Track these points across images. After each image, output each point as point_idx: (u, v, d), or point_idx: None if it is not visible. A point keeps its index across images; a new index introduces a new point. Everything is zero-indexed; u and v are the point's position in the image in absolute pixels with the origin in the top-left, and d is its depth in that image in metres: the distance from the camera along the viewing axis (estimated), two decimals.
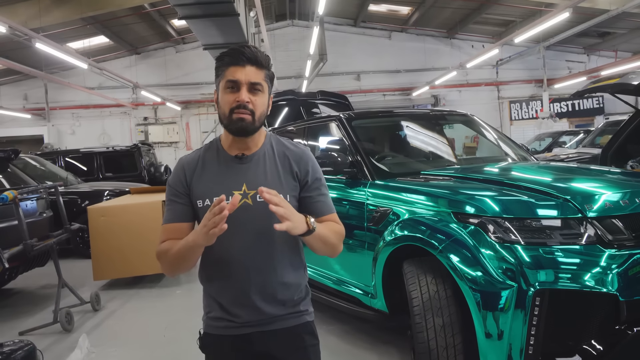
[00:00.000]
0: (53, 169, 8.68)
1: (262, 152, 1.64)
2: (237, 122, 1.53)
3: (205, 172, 1.62)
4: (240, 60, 1.54)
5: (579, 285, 2.24)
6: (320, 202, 1.65)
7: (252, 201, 1.56)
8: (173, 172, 1.68)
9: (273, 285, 1.58)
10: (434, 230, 2.69)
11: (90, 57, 14.41)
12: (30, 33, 9.58)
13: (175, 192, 1.62)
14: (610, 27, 14.79)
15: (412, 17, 16.24)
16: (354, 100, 10.72)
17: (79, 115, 17.61)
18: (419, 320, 2.58)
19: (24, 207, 4.87)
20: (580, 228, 2.39)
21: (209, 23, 7.88)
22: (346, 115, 4.09)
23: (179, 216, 1.61)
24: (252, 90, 1.54)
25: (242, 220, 1.51)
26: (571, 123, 18.09)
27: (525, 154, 4.24)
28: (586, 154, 7.89)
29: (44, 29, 11.58)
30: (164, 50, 17.60)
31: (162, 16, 14.53)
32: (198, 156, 1.66)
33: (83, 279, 5.89)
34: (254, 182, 1.56)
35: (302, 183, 1.64)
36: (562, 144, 12.10)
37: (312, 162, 1.67)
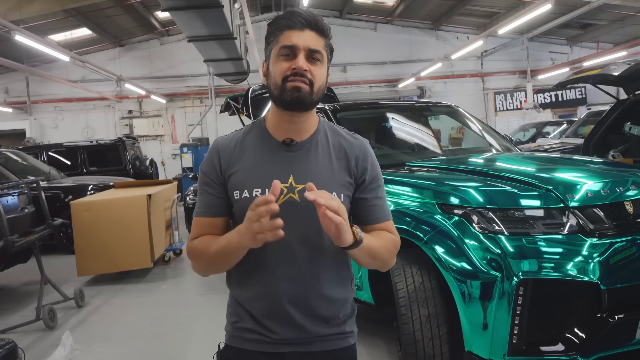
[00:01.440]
0: (35, 164, 8.56)
1: (315, 140, 1.39)
2: (293, 91, 1.29)
3: (244, 158, 1.38)
4: (298, 23, 1.32)
5: (562, 275, 2.26)
6: (377, 206, 1.41)
7: (300, 197, 1.31)
8: (207, 156, 1.44)
9: (316, 299, 1.35)
10: (419, 221, 2.70)
11: (73, 49, 14.17)
12: (10, 25, 9.39)
13: (208, 181, 1.39)
14: (592, 18, 14.92)
15: (397, 9, 16.22)
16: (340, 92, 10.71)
17: (62, 109, 17.34)
18: (404, 311, 2.60)
19: (5, 203, 4.80)
20: (563, 218, 2.41)
21: (193, 15, 7.79)
22: (331, 107, 4.08)
23: (212, 209, 1.39)
24: (309, 59, 1.31)
25: (285, 219, 1.18)
26: (554, 114, 18.24)
27: (509, 145, 4.27)
28: (569, 144, 7.98)
29: (24, 21, 11.35)
30: (148, 42, 17.37)
31: (145, 8, 14.32)
32: (237, 139, 1.42)
33: (67, 275, 5.83)
34: (303, 175, 1.34)
35: (358, 181, 1.40)
36: (546, 135, 12.21)
37: (372, 158, 1.44)
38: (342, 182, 1.38)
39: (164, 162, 17.31)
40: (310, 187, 1.18)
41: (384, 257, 1.38)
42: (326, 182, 1.33)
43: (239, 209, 1.35)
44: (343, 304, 1.41)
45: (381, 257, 1.36)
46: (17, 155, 8.42)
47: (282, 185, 1.28)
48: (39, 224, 5.13)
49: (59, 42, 14.48)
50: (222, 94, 16.54)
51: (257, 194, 1.32)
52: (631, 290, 2.31)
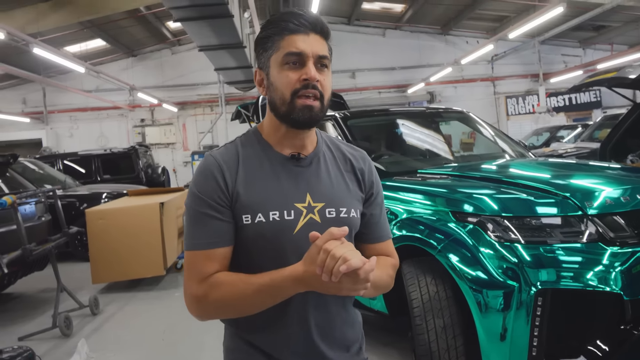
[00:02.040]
0: (51, 173, 8.65)
1: (321, 152, 1.28)
2: (304, 111, 1.15)
3: (252, 176, 1.20)
4: (302, 26, 1.17)
5: (582, 285, 2.21)
6: (381, 223, 1.33)
7: (320, 217, 1.19)
8: (203, 175, 1.20)
9: (341, 328, 1.26)
10: (433, 229, 2.67)
11: (88, 60, 14.35)
12: (28, 38, 9.54)
13: (212, 204, 1.16)
14: (605, 20, 14.76)
15: (405, 14, 16.20)
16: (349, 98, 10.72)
17: (77, 118, 17.55)
18: (419, 321, 2.56)
19: (23, 212, 4.85)
20: (581, 226, 2.37)
21: (204, 25, 7.87)
22: (341, 115, 4.07)
23: (222, 238, 1.16)
24: (317, 66, 1.17)
25: (307, 243, 1.06)
26: (568, 117, 18.06)
27: (522, 150, 4.23)
28: (585, 148, 7.89)
29: (41, 34, 11.51)
30: (160, 52, 17.54)
31: (157, 19, 14.47)
32: (236, 152, 1.23)
33: (82, 283, 5.86)
34: (320, 192, 1.22)
35: (367, 195, 1.30)
36: (560, 139, 12.08)
37: (375, 170, 1.36)
38: (357, 197, 1.28)
39: (175, 170, 17.41)
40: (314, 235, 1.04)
41: (386, 285, 1.28)
42: (344, 199, 1.24)
43: (253, 236, 1.17)
44: (359, 326, 1.35)
45: (383, 285, 1.27)
46: (34, 164, 8.52)
47: (300, 205, 1.19)
48: (55, 232, 5.18)
49: (75, 54, 14.69)
50: (232, 102, 16.62)
51: (275, 217, 1.17)
52: None
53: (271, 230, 1.16)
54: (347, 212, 1.23)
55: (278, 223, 1.17)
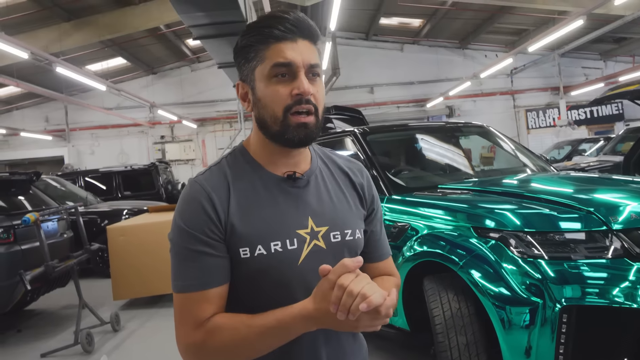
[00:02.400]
0: (73, 190, 8.80)
1: (317, 170, 1.16)
2: (299, 129, 1.03)
3: (246, 203, 1.06)
4: (288, 31, 1.02)
5: (608, 301, 2.16)
6: (382, 240, 1.25)
7: (325, 242, 1.09)
8: (188, 205, 1.06)
9: (350, 356, 1.16)
10: (454, 245, 2.64)
11: (109, 78, 14.66)
12: (51, 58, 9.81)
13: (202, 239, 1.02)
14: (626, 32, 14.62)
15: (423, 29, 16.26)
16: (368, 113, 10.73)
17: (98, 136, 17.89)
18: (441, 339, 2.53)
19: (45, 229, 4.93)
20: (606, 241, 2.32)
21: (223, 42, 7.98)
22: (361, 130, 4.07)
23: (218, 277, 1.03)
24: (309, 76, 1.05)
25: (314, 273, 0.97)
26: (590, 130, 17.83)
27: (544, 165, 4.18)
28: (607, 161, 7.75)
29: (63, 53, 11.84)
30: (180, 69, 17.85)
31: (177, 37, 14.76)
32: (224, 177, 1.08)
33: (103, 299, 5.92)
34: (322, 215, 1.10)
35: (368, 211, 1.21)
36: (582, 152, 11.91)
37: (373, 182, 1.26)
38: (360, 215, 1.19)
39: None
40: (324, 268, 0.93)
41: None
42: (348, 219, 1.14)
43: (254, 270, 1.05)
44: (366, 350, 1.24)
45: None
46: (57, 182, 8.67)
47: (303, 231, 1.07)
48: (77, 249, 5.25)
49: (96, 72, 15.03)
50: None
51: (277, 248, 1.05)
52: None
53: (273, 263, 1.05)
54: (353, 233, 1.14)
55: (280, 254, 1.05)
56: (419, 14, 15.17)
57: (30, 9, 10.53)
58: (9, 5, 9.92)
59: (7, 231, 4.59)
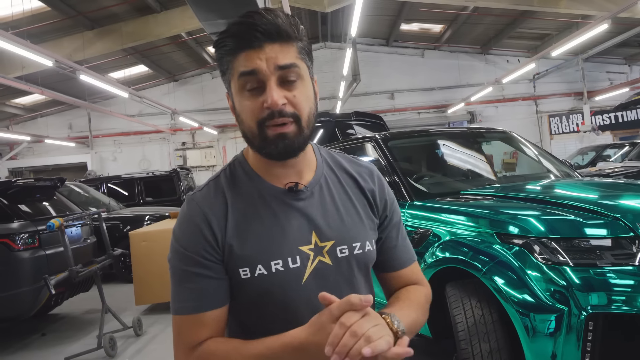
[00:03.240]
0: (96, 195, 8.94)
1: (322, 178, 1.09)
2: (277, 140, 0.96)
3: (245, 221, 1.01)
4: (253, 38, 0.94)
5: (635, 309, 2.11)
6: (401, 246, 1.16)
7: (331, 258, 1.03)
8: (185, 224, 1.02)
9: None
10: (477, 251, 2.61)
11: (131, 85, 14.90)
12: (75, 65, 10.00)
13: (198, 260, 0.99)
14: None
15: (444, 35, 16.17)
16: (388, 119, 10.69)
17: (120, 142, 18.17)
18: (464, 345, 2.50)
19: (69, 234, 5.01)
20: (633, 247, 2.27)
21: None
22: (382, 136, 4.06)
23: (213, 300, 0.99)
24: (284, 81, 0.96)
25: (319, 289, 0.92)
26: (615, 136, 17.50)
27: (568, 170, 4.11)
28: (633, 167, 7.58)
29: (87, 61, 12.08)
30: (201, 76, 18.06)
31: (198, 44, 14.94)
32: (221, 193, 1.04)
33: (125, 304, 5.99)
34: (327, 228, 1.04)
35: (381, 218, 1.14)
36: (607, 158, 11.69)
37: (386, 185, 1.18)
38: (370, 225, 1.11)
39: None
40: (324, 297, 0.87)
41: (421, 324, 1.09)
42: (356, 231, 1.07)
43: (256, 291, 1.01)
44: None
45: (420, 325, 1.08)
46: (80, 188, 8.83)
47: (306, 248, 1.02)
48: (100, 254, 5.33)
49: (118, 79, 15.29)
50: None
51: (278, 267, 0.99)
52: None
53: (275, 283, 1.00)
54: (362, 246, 1.07)
55: (282, 273, 1.00)
56: (440, 20, 15.11)
57: (54, 18, 10.77)
58: (34, 14, 10.16)
59: (32, 236, 4.68)
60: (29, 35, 9.46)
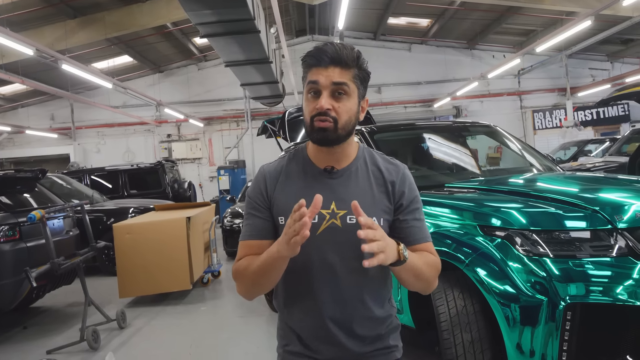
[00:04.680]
0: (79, 187, 8.85)
1: (355, 167, 1.45)
2: (318, 131, 1.36)
3: (289, 185, 1.44)
4: (322, 60, 1.36)
5: (611, 299, 2.17)
6: (415, 227, 1.44)
7: (342, 222, 1.37)
8: (253, 182, 1.50)
9: (359, 321, 1.41)
10: (460, 243, 2.65)
11: (115, 76, 14.72)
12: (57, 55, 9.84)
13: (255, 205, 1.45)
14: (634, 33, 14.53)
15: (431, 29, 16.22)
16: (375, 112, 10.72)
17: (104, 134, 17.95)
18: (447, 335, 2.53)
19: (51, 226, 4.96)
20: (611, 239, 2.33)
21: (231, 40, 7.99)
22: (368, 129, 4.08)
23: (259, 232, 1.43)
24: (335, 94, 1.36)
25: (328, 244, 1.36)
26: (596, 131, 17.75)
27: (550, 164, 4.17)
28: (613, 162, 7.72)
29: (69, 50, 11.89)
30: (187, 67, 17.88)
31: (184, 35, 14.79)
32: (281, 166, 1.49)
33: (109, 297, 5.95)
34: (344, 201, 1.38)
35: (396, 205, 1.44)
36: (588, 153, 11.88)
37: (409, 181, 1.48)
38: (382, 207, 1.42)
39: (201, 185, 17.62)
40: (355, 205, 1.21)
41: (428, 278, 1.40)
42: (367, 208, 1.33)
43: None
44: (385, 321, 1.46)
45: (426, 277, 1.39)
46: (62, 180, 8.72)
47: (325, 211, 1.37)
48: (83, 247, 5.28)
49: (102, 70, 15.08)
50: (258, 117, 16.81)
51: None
52: None
53: None
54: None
55: None
56: (427, 14, 15.14)
57: (35, 6, 10.56)
58: (14, 1, 9.97)
59: (12, 228, 4.63)
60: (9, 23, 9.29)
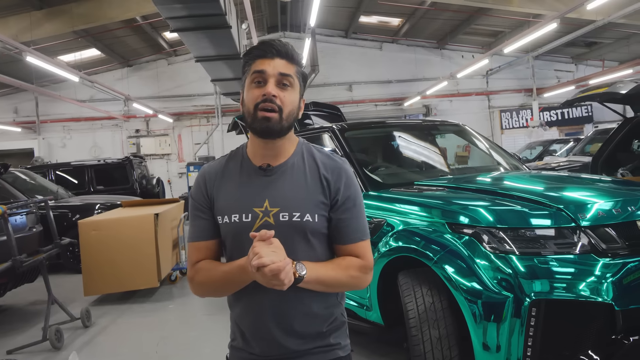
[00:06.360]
0: (43, 183, 8.60)
1: (291, 163, 1.45)
2: (262, 121, 1.35)
3: (225, 184, 1.46)
4: (268, 52, 1.38)
5: (575, 295, 2.23)
6: (350, 226, 1.43)
7: (275, 220, 1.38)
8: (194, 183, 1.53)
9: (296, 317, 1.40)
10: (429, 241, 2.68)
11: (82, 69, 14.36)
12: (21, 46, 9.54)
13: (198, 206, 1.47)
14: (597, 37, 14.98)
15: (402, 28, 16.35)
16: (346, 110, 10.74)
17: (70, 128, 17.50)
18: (415, 332, 2.56)
19: (13, 222, 4.82)
20: (574, 237, 2.39)
21: (201, 35, 7.90)
22: (339, 127, 4.09)
23: (205, 233, 1.46)
24: (280, 84, 1.37)
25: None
26: (561, 131, 18.22)
27: (517, 163, 4.26)
28: (577, 162, 7.94)
29: (34, 42, 11.53)
30: (156, 62, 17.58)
31: (154, 29, 14.53)
32: (221, 165, 1.50)
33: (73, 295, 5.82)
34: (278, 198, 1.40)
35: (332, 202, 1.43)
36: (553, 153, 12.19)
37: (347, 178, 1.45)
38: (316, 203, 1.41)
39: (170, 181, 17.37)
40: (252, 235, 1.26)
41: (342, 284, 1.41)
42: (300, 203, 1.40)
43: (224, 233, 1.45)
44: (327, 318, 1.45)
45: (338, 284, 1.40)
46: (26, 175, 8.47)
47: (258, 209, 1.40)
48: (46, 243, 5.14)
49: (69, 63, 14.69)
50: (228, 113, 16.66)
51: (235, 219, 1.41)
52: None
53: (233, 230, 1.42)
54: (301, 216, 1.39)
55: (237, 224, 1.41)
56: (398, 13, 15.26)
57: None
58: None
59: None
60: None
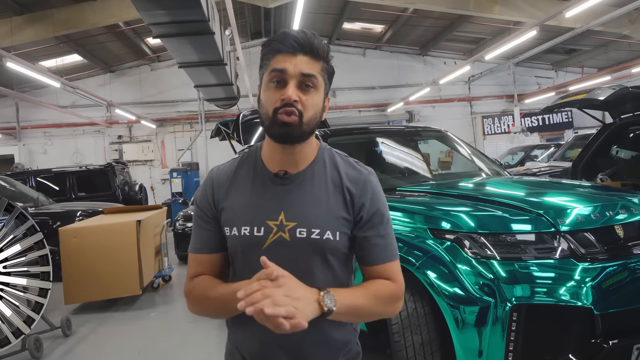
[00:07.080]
0: (23, 190, 8.47)
1: (311, 172, 1.28)
2: (281, 126, 1.19)
3: (235, 191, 1.28)
4: (289, 46, 1.19)
5: (555, 300, 2.26)
6: (378, 245, 1.26)
7: (290, 236, 1.22)
8: (201, 187, 1.35)
9: (311, 344, 1.24)
10: (411, 246, 2.69)
11: (64, 75, 14.19)
12: (1, 52, 9.40)
13: (202, 215, 1.31)
14: (576, 44, 15.26)
15: (385, 35, 16.47)
16: (329, 116, 10.79)
17: (51, 135, 17.26)
18: (397, 338, 2.57)
19: None
20: (554, 242, 2.42)
21: (184, 41, 7.85)
22: (322, 132, 4.10)
23: (207, 246, 1.30)
24: (302, 86, 1.20)
25: (275, 259, 1.10)
26: (542, 137, 18.47)
27: (498, 169, 4.30)
28: (557, 167, 8.04)
29: (15, 48, 11.38)
30: (139, 68, 17.44)
31: (136, 35, 14.43)
32: (231, 169, 1.33)
33: (53, 303, 5.71)
34: (295, 211, 1.23)
35: (356, 218, 1.26)
36: (534, 158, 12.34)
37: (373, 192, 1.29)
38: (337, 219, 1.25)
39: (153, 187, 17.22)
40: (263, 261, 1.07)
41: (374, 312, 1.24)
42: (319, 219, 1.23)
43: (232, 247, 1.29)
44: (342, 348, 1.30)
45: (370, 312, 1.23)
46: (5, 181, 8.34)
47: (272, 222, 1.23)
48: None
49: (50, 68, 14.51)
50: (212, 119, 16.59)
51: (246, 232, 1.24)
52: (625, 315, 2.32)
53: (241, 244, 1.26)
54: (321, 233, 1.22)
55: (248, 238, 1.25)
56: (381, 20, 15.36)
57: None
58: None
59: None
60: None
